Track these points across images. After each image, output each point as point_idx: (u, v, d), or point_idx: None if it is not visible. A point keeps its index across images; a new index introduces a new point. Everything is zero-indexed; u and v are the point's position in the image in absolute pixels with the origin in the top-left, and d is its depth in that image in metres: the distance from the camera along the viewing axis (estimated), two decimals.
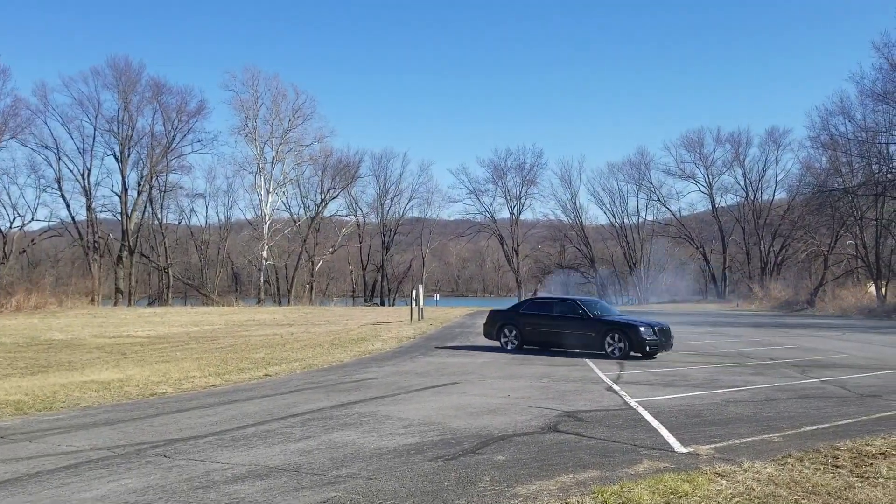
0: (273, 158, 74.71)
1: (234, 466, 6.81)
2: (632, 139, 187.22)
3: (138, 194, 70.41)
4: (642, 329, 17.37)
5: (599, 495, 5.67)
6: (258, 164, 74.07)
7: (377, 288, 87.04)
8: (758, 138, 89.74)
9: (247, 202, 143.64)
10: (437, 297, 61.22)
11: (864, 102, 48.30)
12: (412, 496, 5.77)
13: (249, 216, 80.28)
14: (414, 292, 36.39)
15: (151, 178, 69.92)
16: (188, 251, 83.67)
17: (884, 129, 46.06)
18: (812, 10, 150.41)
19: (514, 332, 19.49)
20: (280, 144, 74.65)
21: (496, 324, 20.09)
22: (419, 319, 34.38)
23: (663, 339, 17.64)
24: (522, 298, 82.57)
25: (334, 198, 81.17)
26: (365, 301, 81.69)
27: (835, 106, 56.06)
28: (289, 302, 71.22)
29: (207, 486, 6.13)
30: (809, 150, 64.17)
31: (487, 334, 20.33)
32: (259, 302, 69.75)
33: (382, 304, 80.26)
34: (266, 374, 14.12)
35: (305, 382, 13.01)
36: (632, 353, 17.40)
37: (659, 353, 17.85)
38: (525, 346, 19.42)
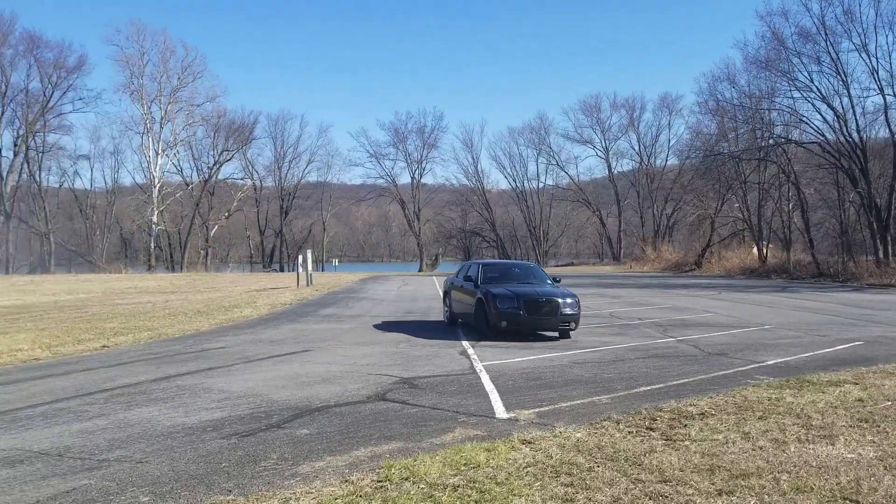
0: (162, 118, 71.41)
1: None
2: (532, 104, 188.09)
3: (14, 155, 66.01)
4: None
5: (385, 470, 5.21)
6: (146, 123, 70.64)
7: (276, 253, 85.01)
8: (651, 104, 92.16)
9: (135, 164, 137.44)
10: (336, 262, 60.12)
11: (748, 69, 49.41)
12: (175, 481, 5.14)
13: (139, 179, 76.70)
14: (300, 257, 35.34)
15: (28, 137, 65.51)
16: (72, 216, 79.15)
17: (766, 96, 47.45)
18: None
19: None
20: (169, 103, 71.36)
21: (443, 292, 17.55)
22: (308, 285, 33.46)
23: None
24: (423, 263, 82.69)
25: (228, 160, 78.43)
26: (263, 267, 79.66)
27: (721, 73, 57.67)
28: (182, 268, 68.52)
29: None
30: (698, 115, 65.95)
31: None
32: (150, 269, 66.85)
33: (281, 269, 78.48)
34: (104, 346, 13.07)
35: (142, 353, 12.08)
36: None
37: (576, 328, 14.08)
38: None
